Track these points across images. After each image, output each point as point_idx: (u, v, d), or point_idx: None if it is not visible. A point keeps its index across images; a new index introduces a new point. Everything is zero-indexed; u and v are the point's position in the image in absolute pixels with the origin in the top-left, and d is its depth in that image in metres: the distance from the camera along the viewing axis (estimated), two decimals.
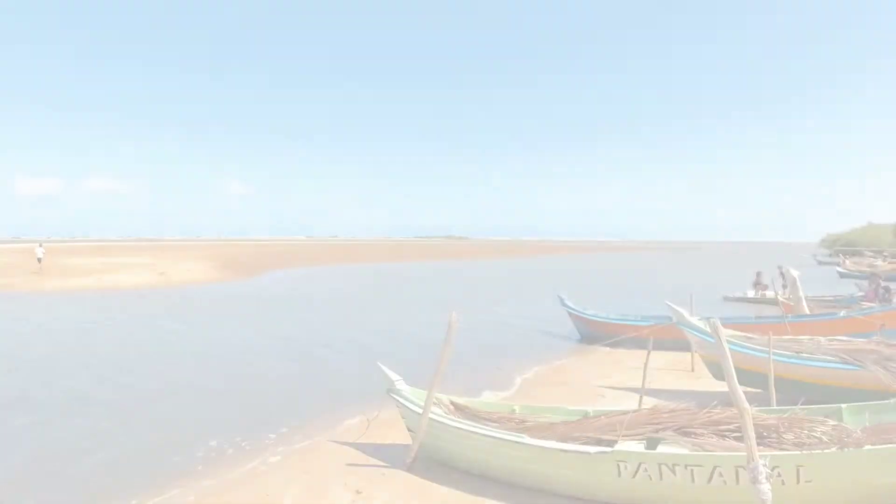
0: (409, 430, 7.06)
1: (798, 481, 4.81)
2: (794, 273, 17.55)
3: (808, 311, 16.49)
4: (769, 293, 22.89)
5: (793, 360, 8.73)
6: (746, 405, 4.46)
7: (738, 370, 5.01)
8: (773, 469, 4.43)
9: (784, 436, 5.36)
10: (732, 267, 58.51)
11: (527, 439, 6.08)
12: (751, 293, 26.22)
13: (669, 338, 11.42)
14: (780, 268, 22.73)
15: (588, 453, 5.47)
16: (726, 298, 26.15)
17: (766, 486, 4.27)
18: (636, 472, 5.23)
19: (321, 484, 6.39)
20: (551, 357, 14.56)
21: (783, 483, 4.74)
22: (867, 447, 4.87)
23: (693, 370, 12.04)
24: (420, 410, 6.73)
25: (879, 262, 48.59)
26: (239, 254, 74.51)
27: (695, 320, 10.06)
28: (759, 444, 4.70)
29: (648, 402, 7.54)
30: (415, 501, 5.93)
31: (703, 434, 5.67)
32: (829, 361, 8.51)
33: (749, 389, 7.92)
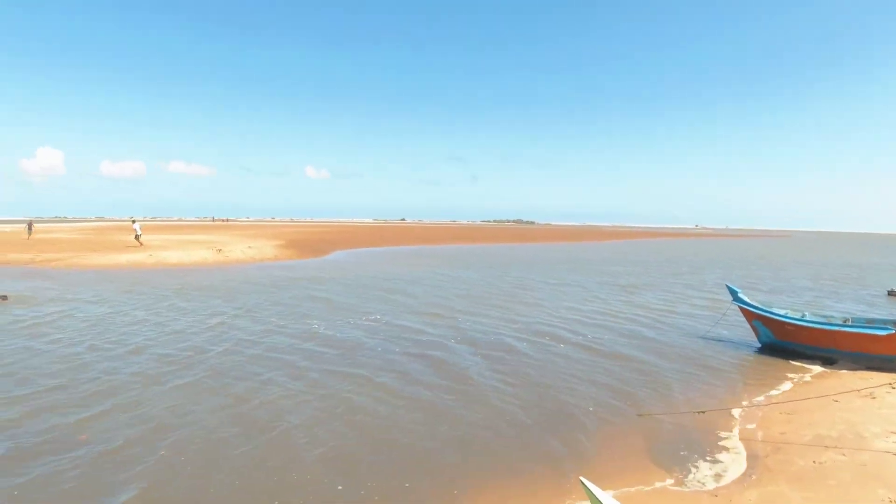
0: None
1: None
2: None
3: None
4: None
5: None
6: None
7: None
8: None
9: None
10: (848, 256, 51.89)
11: None
12: None
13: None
14: None
15: None
16: (892, 293, 21.07)
17: None
18: None
19: None
20: (759, 384, 10.40)
21: None
22: None
23: None
24: None
25: None
26: (307, 234, 73.80)
27: None
28: None
29: None
30: None
31: None
32: None
33: None
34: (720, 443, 7.57)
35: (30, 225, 52.44)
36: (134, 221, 41.73)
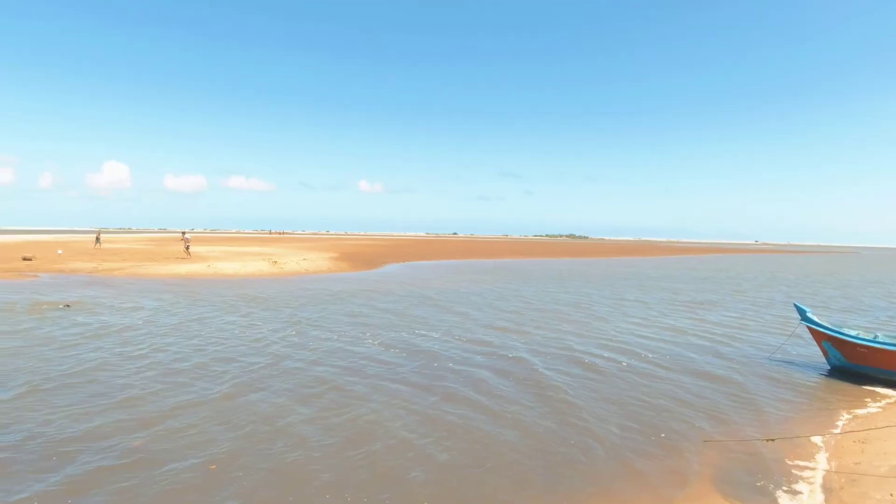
0: None
1: None
2: None
3: None
4: None
5: None
6: None
7: None
8: None
9: None
10: None
11: None
12: None
13: None
14: None
15: None
16: None
17: None
18: None
19: None
20: (830, 410, 9.62)
21: None
22: None
23: None
24: None
25: None
26: (360, 247, 74.43)
27: None
28: None
29: None
30: None
31: None
32: None
33: None
34: (792, 473, 6.92)
35: (98, 235, 54.52)
36: (184, 233, 43.40)
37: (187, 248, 40.69)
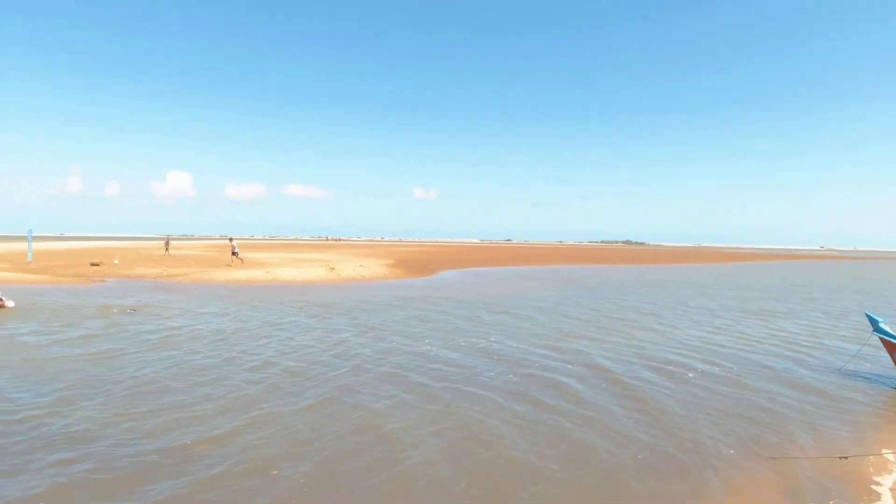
0: None
1: None
2: None
3: None
4: None
5: None
6: None
7: None
8: None
9: None
10: None
11: None
12: None
13: None
14: None
15: None
16: None
17: None
18: None
19: None
20: None
21: None
22: None
23: None
24: None
25: None
26: (415, 253, 74.80)
27: None
28: None
29: None
30: None
31: None
32: None
33: None
34: (866, 492, 6.40)
35: (167, 242, 56.75)
36: (231, 239, 43.36)
37: (234, 254, 40.86)
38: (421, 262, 54.91)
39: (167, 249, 53.44)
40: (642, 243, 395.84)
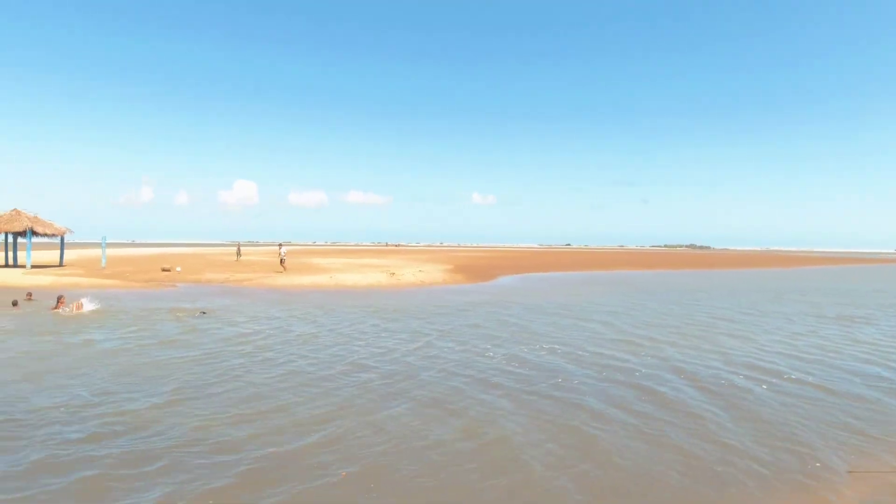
0: None
1: None
2: None
3: None
4: None
5: None
6: None
7: None
8: None
9: None
10: None
11: None
12: None
13: None
14: None
15: None
16: None
17: None
18: None
19: None
20: None
21: None
22: None
23: None
24: None
25: None
26: (473, 258, 74.70)
27: None
28: None
29: None
30: None
31: None
32: None
33: None
34: None
35: (238, 248, 58.47)
36: (280, 245, 43.89)
37: (282, 261, 40.88)
38: (480, 267, 54.77)
39: (238, 255, 54.96)
40: (707, 247, 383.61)
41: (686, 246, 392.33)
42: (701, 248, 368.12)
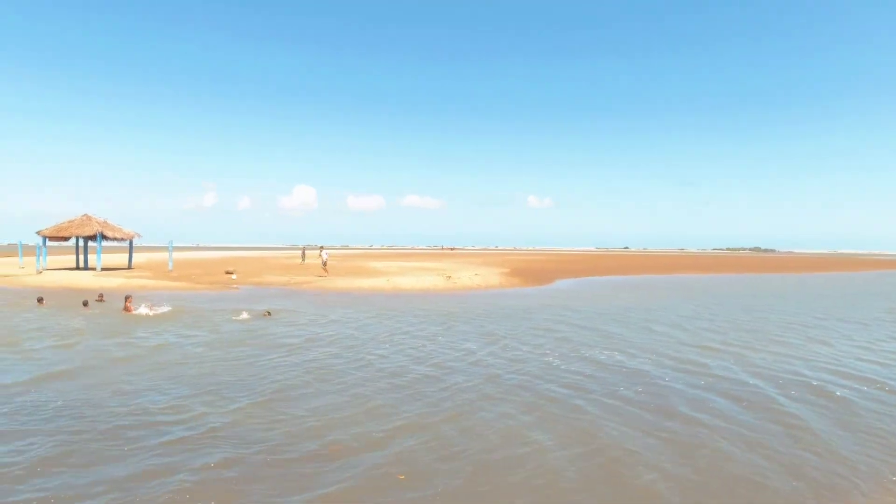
0: None
1: None
2: None
3: None
4: None
5: None
6: None
7: None
8: None
9: None
10: None
11: None
12: None
13: None
14: None
15: None
16: None
17: None
18: None
19: None
20: None
21: None
22: None
23: None
24: None
25: None
26: (529, 262, 74.21)
27: None
28: None
29: None
30: None
31: None
32: None
33: None
34: None
35: (303, 251, 59.65)
36: (321, 249, 43.20)
37: (324, 264, 40.52)
38: (536, 270, 54.26)
39: (304, 259, 56.03)
40: (772, 250, 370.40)
41: (750, 249, 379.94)
42: (765, 251, 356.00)
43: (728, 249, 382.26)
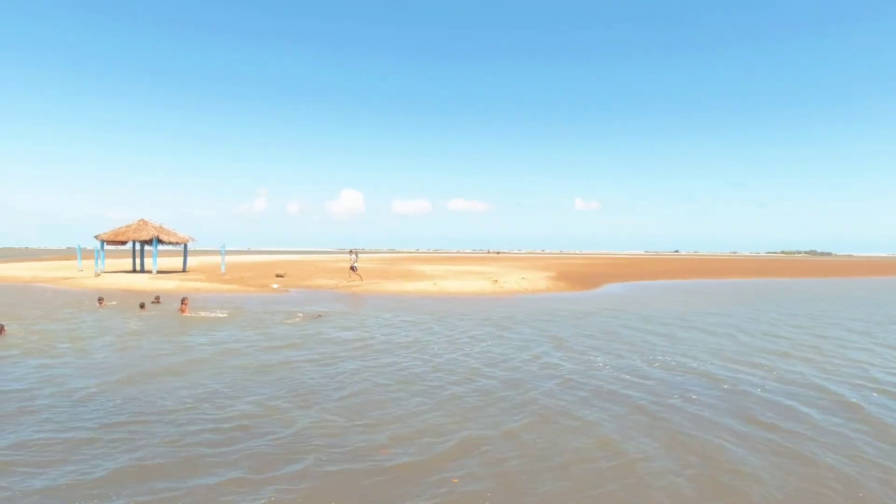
0: None
1: None
2: None
3: None
4: None
5: None
6: None
7: None
8: None
9: None
10: None
11: None
12: None
13: None
14: None
15: None
16: None
17: None
18: None
19: None
20: None
21: None
22: None
23: None
24: None
25: None
26: (576, 265, 73.45)
27: None
28: None
29: None
30: None
31: None
32: None
33: None
34: None
35: (356, 255, 60.03)
36: (351, 252, 41.87)
37: (353, 268, 38.81)
38: (584, 274, 53.59)
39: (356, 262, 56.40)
40: (828, 253, 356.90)
41: (805, 252, 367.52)
42: (821, 254, 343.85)
43: (782, 252, 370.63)
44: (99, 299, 23.32)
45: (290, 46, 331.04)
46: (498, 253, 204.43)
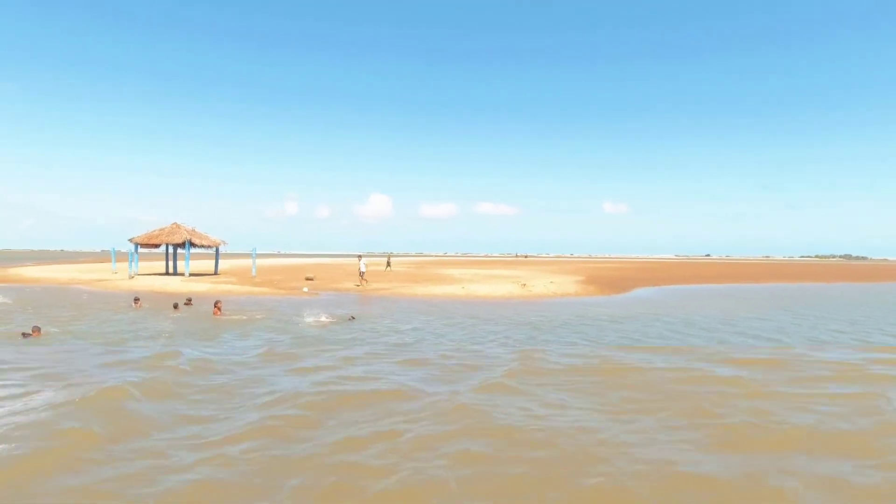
0: None
1: None
2: None
3: None
4: None
5: None
6: None
7: None
8: None
9: None
10: None
11: None
12: None
13: None
14: None
15: None
16: None
17: None
18: None
19: None
20: None
21: None
22: None
23: None
24: None
25: None
26: (605, 270, 72.79)
27: None
28: None
29: None
30: None
31: None
32: None
33: None
34: None
35: (388, 259, 60.55)
36: (360, 257, 41.55)
37: (361, 274, 37.89)
38: (613, 278, 53.04)
39: (389, 266, 56.75)
40: (863, 258, 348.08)
41: (840, 256, 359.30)
42: (857, 258, 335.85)
43: (816, 257, 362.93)
44: (135, 299, 23.74)
45: (322, 53, 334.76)
46: (525, 257, 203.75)
